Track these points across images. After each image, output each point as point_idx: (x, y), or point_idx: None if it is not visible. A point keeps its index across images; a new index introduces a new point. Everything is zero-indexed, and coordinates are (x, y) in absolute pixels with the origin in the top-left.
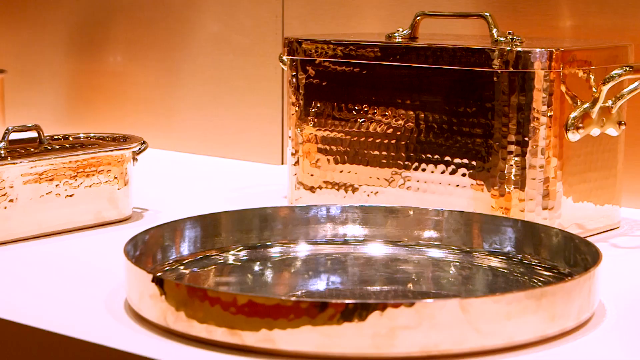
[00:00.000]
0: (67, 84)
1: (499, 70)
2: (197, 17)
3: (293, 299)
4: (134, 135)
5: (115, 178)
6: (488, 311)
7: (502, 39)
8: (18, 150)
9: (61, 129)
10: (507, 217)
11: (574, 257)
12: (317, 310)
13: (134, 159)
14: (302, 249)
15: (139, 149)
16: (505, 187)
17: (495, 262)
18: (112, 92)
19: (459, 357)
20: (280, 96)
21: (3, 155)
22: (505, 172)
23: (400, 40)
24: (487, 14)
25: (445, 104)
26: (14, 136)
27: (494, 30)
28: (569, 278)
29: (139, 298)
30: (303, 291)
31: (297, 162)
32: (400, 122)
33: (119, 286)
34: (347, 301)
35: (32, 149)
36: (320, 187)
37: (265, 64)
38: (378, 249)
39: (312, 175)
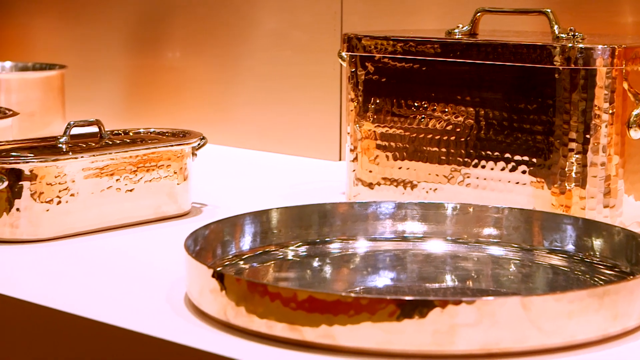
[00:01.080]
0: (126, 79)
1: (561, 67)
2: (256, 13)
3: (353, 295)
4: (194, 130)
5: (175, 173)
6: (549, 309)
7: (563, 35)
8: (79, 145)
9: (120, 124)
10: (568, 215)
11: (636, 255)
12: (377, 307)
13: (194, 154)
14: (361, 245)
15: (198, 144)
16: (566, 184)
17: (555, 260)
18: (170, 88)
19: (520, 356)
20: (338, 92)
21: (65, 150)
22: (566, 169)
23: (460, 36)
24: (549, 11)
25: (505, 100)
26: (75, 131)
27: (555, 27)
28: (632, 277)
29: (200, 293)
30: (361, 287)
31: (355, 159)
32: (460, 118)
33: (179, 280)
34: (407, 298)
35: (93, 144)
36: (378, 184)
37: (324, 60)
38: (437, 246)
39: (370, 171)
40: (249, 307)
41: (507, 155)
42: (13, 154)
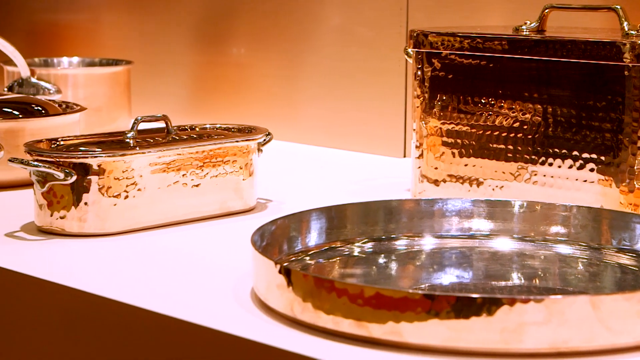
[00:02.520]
0: (191, 75)
1: (630, 64)
2: (321, 9)
3: (421, 292)
4: (259, 126)
5: (241, 168)
6: (619, 309)
7: (633, 32)
8: (147, 140)
9: (185, 120)
10: (637, 214)
11: None
12: (445, 304)
13: (259, 150)
14: (427, 242)
15: (264, 140)
16: (635, 182)
17: (624, 259)
18: (235, 84)
19: (588, 355)
20: (403, 89)
21: (132, 145)
22: (635, 167)
23: (528, 33)
24: (618, 7)
25: (573, 97)
26: (142, 126)
27: (625, 24)
28: None
29: (266, 288)
30: (427, 284)
31: (421, 155)
32: (527, 115)
33: (245, 276)
34: (475, 295)
35: (160, 139)
36: (444, 181)
37: (389, 56)
38: (504, 244)
39: (436, 168)
40: (315, 303)
41: (575, 152)
42: (81, 148)
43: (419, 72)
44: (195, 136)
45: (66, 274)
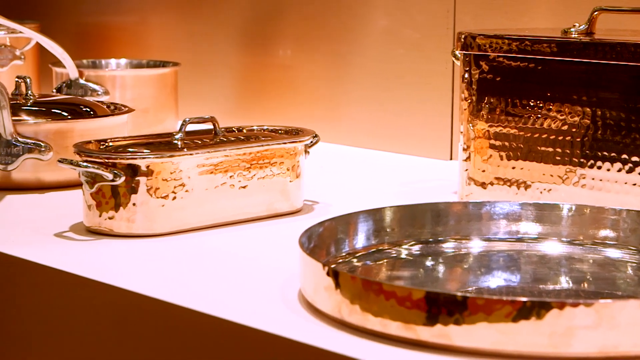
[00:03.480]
0: (237, 76)
1: None
2: (368, 11)
3: (469, 295)
4: (306, 128)
5: (288, 170)
6: None
7: None
8: (195, 141)
9: (231, 121)
10: None
11: None
12: (494, 307)
13: (306, 151)
14: (475, 245)
15: (311, 142)
16: None
17: None
18: (281, 85)
19: None
20: (450, 91)
21: (180, 147)
22: None
23: (576, 35)
24: None
25: (623, 100)
26: (190, 127)
27: None
28: None
29: (314, 290)
30: (474, 287)
31: (468, 158)
32: (576, 118)
33: (292, 277)
34: (524, 299)
35: (208, 141)
36: (491, 183)
37: (436, 58)
38: (552, 247)
39: (483, 171)
40: (363, 305)
41: (624, 156)
42: (130, 149)
43: (467, 75)
44: (242, 138)
45: (114, 274)
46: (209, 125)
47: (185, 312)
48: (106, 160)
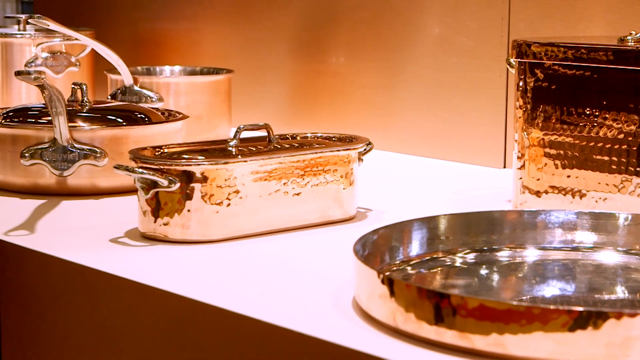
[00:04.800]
0: (290, 83)
1: None
2: (421, 18)
3: (525, 304)
4: (360, 135)
5: (341, 177)
6: None
7: None
8: (249, 148)
9: (284, 128)
10: None
11: None
12: (550, 317)
13: (360, 159)
14: (530, 254)
15: (365, 149)
16: None
17: None
18: (334, 93)
19: None
20: (504, 99)
21: (234, 153)
22: None
23: (633, 43)
24: None
25: None
26: (244, 134)
27: None
28: None
29: (368, 297)
30: (529, 296)
31: (523, 166)
32: (632, 127)
33: (346, 284)
34: (581, 308)
35: (262, 148)
36: (546, 192)
37: (490, 66)
38: (608, 257)
39: (538, 179)
40: (418, 313)
41: None
42: (185, 156)
43: (522, 83)
44: (296, 145)
45: (168, 280)
46: (263, 133)
47: (239, 318)
48: (161, 167)
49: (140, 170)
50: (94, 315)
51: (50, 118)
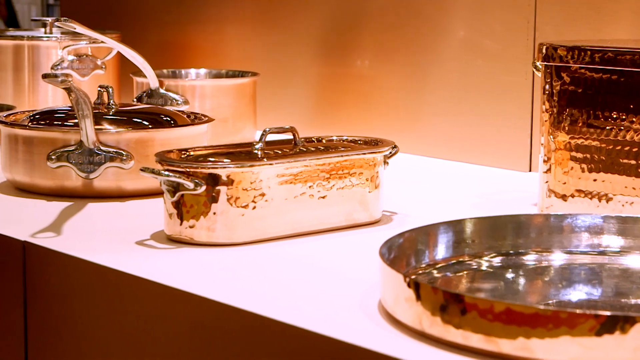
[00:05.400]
0: (315, 86)
1: None
2: (447, 22)
3: (552, 308)
4: (385, 138)
5: (367, 180)
6: None
7: None
8: (274, 151)
9: (308, 131)
10: None
11: None
12: (577, 321)
13: (385, 162)
14: (556, 258)
15: (390, 152)
16: None
17: None
18: (359, 96)
19: None
20: (530, 102)
21: (260, 156)
22: None
23: None
24: None
25: None
26: (269, 137)
27: None
28: None
29: (394, 301)
30: (555, 301)
31: (548, 170)
32: None
33: (372, 288)
34: (608, 313)
35: (288, 150)
36: (572, 196)
37: (516, 70)
38: (635, 261)
39: (564, 183)
40: (444, 317)
41: None
42: (210, 159)
43: (548, 86)
44: (322, 148)
45: (194, 282)
46: (288, 136)
47: (264, 321)
48: (187, 170)
49: (167, 173)
50: (119, 317)
51: (76, 120)
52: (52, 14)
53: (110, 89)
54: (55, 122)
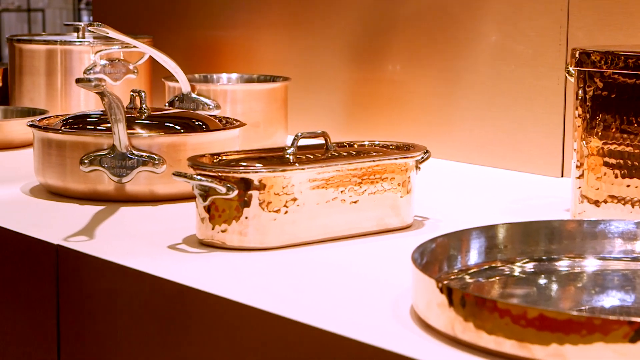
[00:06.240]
0: (346, 91)
1: None
2: (479, 26)
3: (586, 314)
4: (417, 143)
5: (399, 185)
6: None
7: None
8: (306, 156)
9: (340, 136)
10: None
11: None
12: (611, 328)
13: (417, 167)
14: (589, 264)
15: (422, 157)
16: None
17: None
18: (390, 101)
19: None
20: (562, 108)
21: (292, 161)
22: None
23: None
24: None
25: None
26: (301, 142)
27: None
28: None
29: (427, 306)
30: (588, 307)
31: (581, 175)
32: None
33: (404, 293)
34: None
35: (320, 155)
36: (605, 201)
37: (548, 75)
38: None
39: (597, 189)
40: (477, 322)
41: None
42: (243, 163)
43: (581, 92)
44: (353, 153)
45: (226, 286)
46: (320, 140)
47: (296, 325)
48: (220, 174)
49: (199, 177)
50: (151, 320)
51: (109, 125)
52: (82, 18)
53: (142, 94)
54: (87, 127)
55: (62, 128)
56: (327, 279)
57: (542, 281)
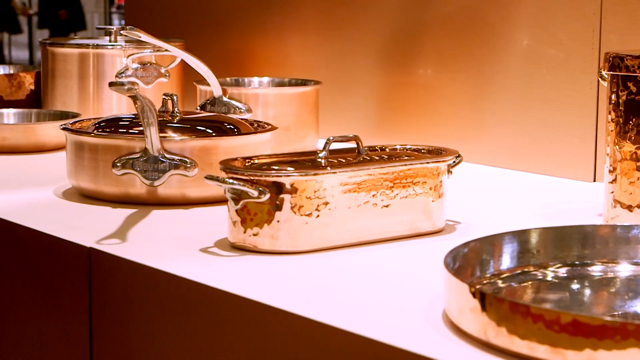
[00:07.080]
0: (377, 95)
1: None
2: (511, 31)
3: (620, 320)
4: (449, 147)
5: (431, 189)
6: None
7: None
8: (338, 159)
9: (370, 140)
10: None
11: None
12: None
13: (449, 171)
14: (622, 269)
15: (454, 161)
16: None
17: None
18: (421, 104)
19: None
20: (594, 112)
21: (324, 165)
22: None
23: None
24: None
25: None
26: (333, 146)
27: None
28: None
29: (459, 311)
30: (621, 312)
31: (614, 180)
32: None
33: (436, 297)
34: None
35: (351, 159)
36: (638, 206)
37: (580, 79)
38: None
39: (630, 193)
40: (510, 327)
41: None
42: (274, 167)
43: (614, 96)
44: (385, 157)
45: (258, 289)
46: (352, 144)
47: (328, 329)
48: (252, 178)
49: (231, 180)
50: (183, 323)
51: (141, 128)
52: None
53: (174, 97)
54: (120, 130)
55: (95, 131)
56: (358, 283)
57: (575, 286)
